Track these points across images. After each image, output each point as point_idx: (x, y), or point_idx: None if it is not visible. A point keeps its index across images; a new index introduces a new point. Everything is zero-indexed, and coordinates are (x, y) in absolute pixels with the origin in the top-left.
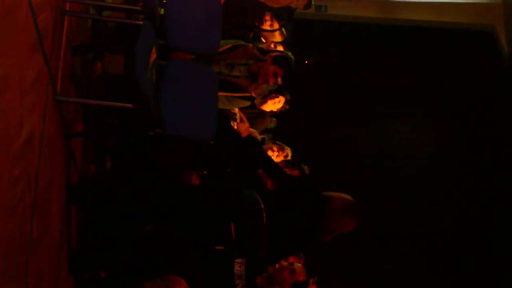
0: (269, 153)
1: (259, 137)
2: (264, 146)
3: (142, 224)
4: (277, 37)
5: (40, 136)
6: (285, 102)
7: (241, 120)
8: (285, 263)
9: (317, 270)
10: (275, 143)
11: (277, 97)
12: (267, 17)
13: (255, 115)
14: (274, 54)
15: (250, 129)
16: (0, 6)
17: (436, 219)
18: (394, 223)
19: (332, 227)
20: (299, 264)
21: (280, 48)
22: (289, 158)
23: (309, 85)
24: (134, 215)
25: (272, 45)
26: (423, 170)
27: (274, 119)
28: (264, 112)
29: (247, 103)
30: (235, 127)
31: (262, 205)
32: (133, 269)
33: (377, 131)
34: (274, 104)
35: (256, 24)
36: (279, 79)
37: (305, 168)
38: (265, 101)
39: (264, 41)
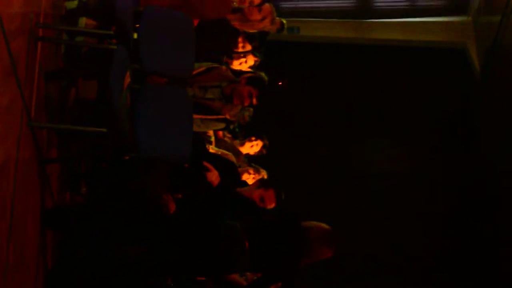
0: (245, 175)
1: (235, 160)
2: (240, 169)
3: (118, 250)
4: (250, 60)
5: (15, 163)
6: (263, 147)
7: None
8: None
9: None
10: (250, 166)
11: (256, 140)
12: (240, 39)
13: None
14: (248, 75)
15: (225, 151)
16: None
17: (414, 236)
18: (372, 243)
19: (310, 255)
20: None
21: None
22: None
23: (283, 106)
24: (111, 241)
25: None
26: (397, 187)
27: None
28: (240, 152)
29: (221, 125)
30: (210, 149)
31: (244, 236)
32: None
33: (351, 149)
34: (252, 148)
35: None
36: (254, 100)
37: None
38: (243, 143)
39: (237, 63)
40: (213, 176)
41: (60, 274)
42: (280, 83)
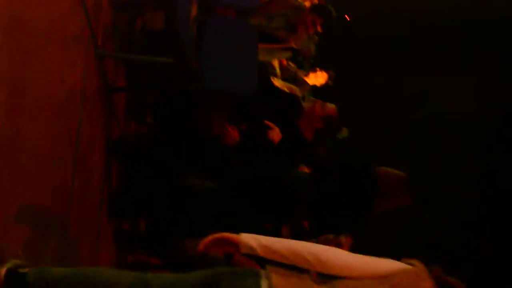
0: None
1: (299, 94)
2: (305, 104)
3: (182, 180)
4: None
5: (81, 91)
6: (329, 78)
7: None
8: None
9: None
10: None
11: (321, 71)
12: None
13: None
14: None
15: (291, 86)
16: None
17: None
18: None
19: (388, 203)
20: None
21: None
22: None
23: (346, 42)
24: (174, 171)
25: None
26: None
27: (346, 128)
28: (304, 81)
29: (287, 54)
30: (275, 82)
31: (312, 184)
32: (173, 223)
33: (416, 89)
34: (317, 79)
35: None
36: (319, 27)
37: (344, 130)
38: (308, 74)
39: None
40: (275, 134)
41: (124, 201)
42: (346, 16)
